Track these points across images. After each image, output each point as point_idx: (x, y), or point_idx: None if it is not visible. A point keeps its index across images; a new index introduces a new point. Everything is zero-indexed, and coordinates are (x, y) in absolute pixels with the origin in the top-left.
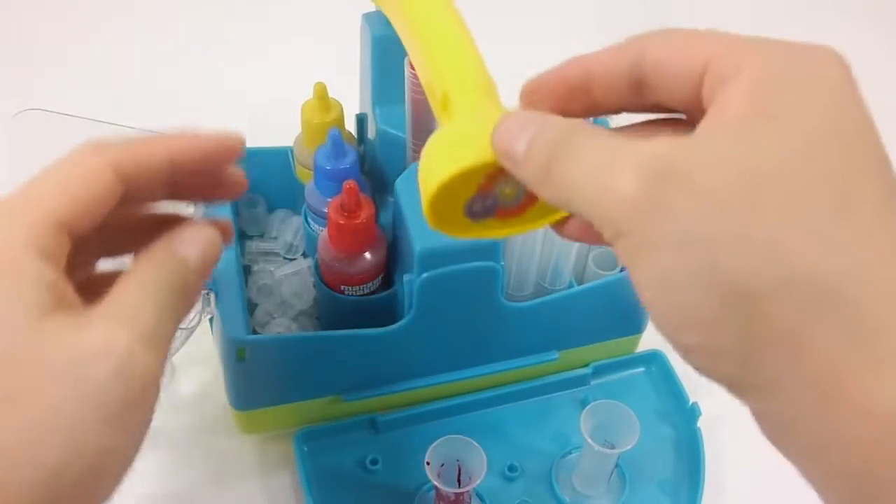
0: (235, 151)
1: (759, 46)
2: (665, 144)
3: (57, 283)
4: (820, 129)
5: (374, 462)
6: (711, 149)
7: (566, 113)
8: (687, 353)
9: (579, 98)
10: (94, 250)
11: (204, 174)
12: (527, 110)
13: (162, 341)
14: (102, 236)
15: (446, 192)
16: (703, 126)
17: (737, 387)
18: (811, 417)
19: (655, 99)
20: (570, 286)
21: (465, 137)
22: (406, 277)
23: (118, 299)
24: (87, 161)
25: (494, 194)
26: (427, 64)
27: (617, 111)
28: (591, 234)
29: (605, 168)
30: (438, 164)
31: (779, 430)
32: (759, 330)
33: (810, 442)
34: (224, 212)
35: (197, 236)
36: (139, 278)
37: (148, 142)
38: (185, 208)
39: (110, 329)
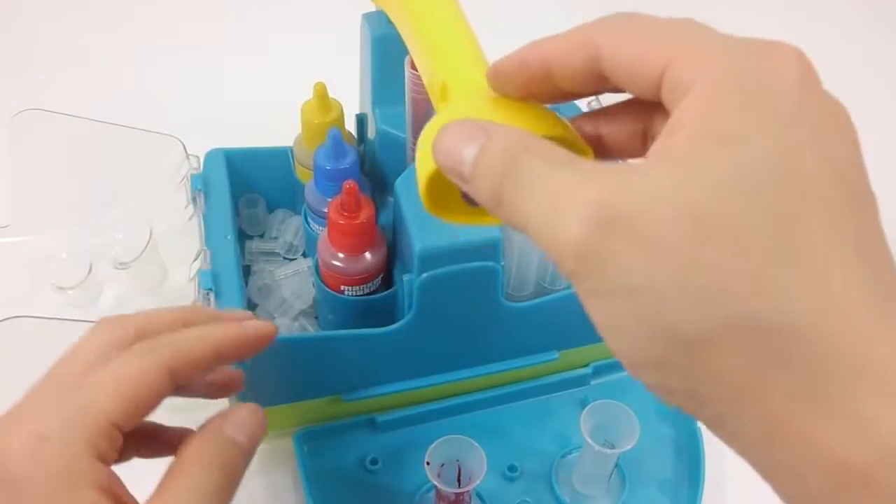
0: (270, 339)
1: (716, 52)
2: (608, 186)
3: (113, 486)
4: (768, 157)
5: (374, 462)
6: (655, 186)
7: (533, 97)
8: (646, 387)
9: (543, 85)
10: None
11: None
12: (470, 120)
13: None
14: None
15: (440, 178)
16: (653, 152)
17: (693, 416)
18: (757, 452)
19: (618, 87)
20: (571, 286)
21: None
22: (406, 277)
23: (171, 498)
24: (144, 366)
25: None
26: (427, 56)
27: (584, 96)
28: None
29: (551, 211)
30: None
31: (736, 451)
32: (702, 372)
33: (761, 469)
34: (225, 216)
35: (246, 419)
36: (189, 472)
37: (199, 340)
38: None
39: None
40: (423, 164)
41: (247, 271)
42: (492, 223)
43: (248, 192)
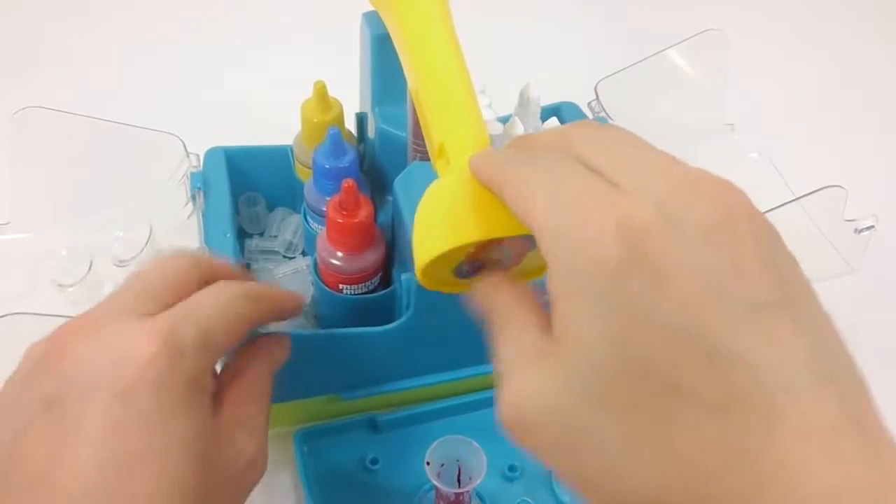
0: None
1: (559, 236)
2: (513, 390)
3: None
4: (597, 354)
5: (374, 462)
6: (540, 396)
7: None
8: None
9: None
10: None
11: None
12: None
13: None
14: None
15: (437, 262)
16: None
17: None
18: None
19: None
20: None
21: (458, 208)
22: (404, 276)
23: (248, 415)
24: (251, 311)
25: (482, 259)
26: (426, 111)
27: None
28: None
29: (497, 394)
30: (432, 236)
31: None
32: None
33: None
34: (225, 214)
35: (281, 345)
36: (253, 399)
37: (281, 300)
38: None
39: (254, 444)
40: (422, 249)
41: (246, 270)
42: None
43: (248, 190)
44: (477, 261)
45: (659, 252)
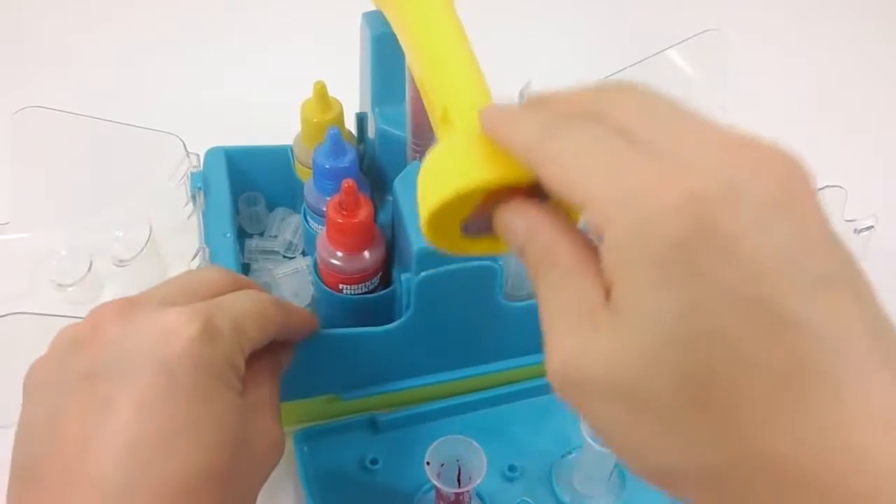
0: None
1: (619, 206)
2: (569, 348)
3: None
4: (664, 323)
5: (374, 462)
6: (596, 358)
7: None
8: None
9: None
10: None
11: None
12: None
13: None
14: None
15: (445, 211)
16: (604, 315)
17: None
18: None
19: None
20: None
21: (466, 156)
22: (404, 276)
23: (269, 399)
24: (277, 313)
25: (491, 214)
26: (428, 79)
27: None
28: None
29: (545, 342)
30: (438, 183)
31: None
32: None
33: None
34: (225, 214)
35: (288, 352)
36: (271, 386)
37: (299, 317)
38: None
39: (276, 425)
40: (427, 198)
41: (246, 269)
42: (485, 253)
43: (248, 190)
44: (486, 215)
45: (727, 224)
